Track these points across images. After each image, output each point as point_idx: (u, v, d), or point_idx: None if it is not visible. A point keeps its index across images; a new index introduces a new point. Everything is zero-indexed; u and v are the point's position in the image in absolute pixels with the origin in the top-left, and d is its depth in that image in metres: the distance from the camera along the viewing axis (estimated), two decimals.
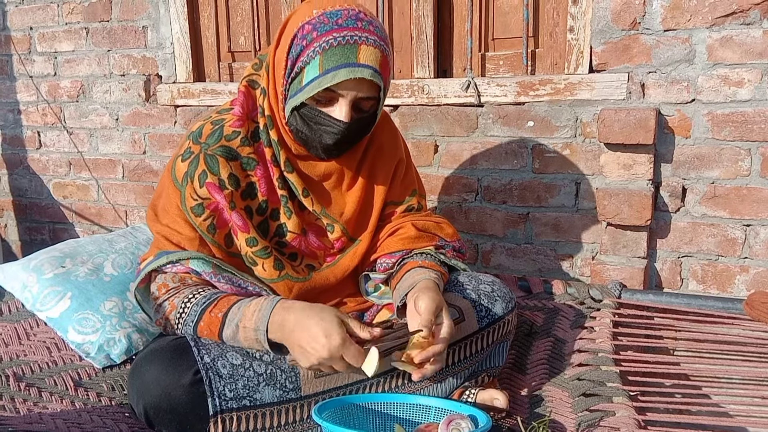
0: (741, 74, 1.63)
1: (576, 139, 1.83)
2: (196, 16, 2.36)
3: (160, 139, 2.46)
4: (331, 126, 1.21)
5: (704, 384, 1.55)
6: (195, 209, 1.25)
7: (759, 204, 1.67)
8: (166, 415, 1.12)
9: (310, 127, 1.23)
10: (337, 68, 1.15)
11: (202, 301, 1.21)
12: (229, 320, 1.17)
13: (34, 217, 2.83)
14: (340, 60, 1.15)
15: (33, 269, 1.65)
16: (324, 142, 1.23)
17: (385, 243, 1.40)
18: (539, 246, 1.94)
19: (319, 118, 1.21)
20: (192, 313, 1.20)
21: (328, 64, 1.15)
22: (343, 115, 1.19)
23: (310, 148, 1.27)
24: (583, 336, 1.55)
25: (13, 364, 1.46)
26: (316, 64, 1.16)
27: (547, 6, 1.88)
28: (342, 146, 1.27)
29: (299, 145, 1.29)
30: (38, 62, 2.66)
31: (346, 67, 1.15)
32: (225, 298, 1.21)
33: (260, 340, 1.15)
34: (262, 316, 1.15)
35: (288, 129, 1.27)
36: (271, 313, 1.15)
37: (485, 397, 1.27)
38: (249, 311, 1.17)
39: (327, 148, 1.25)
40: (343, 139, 1.23)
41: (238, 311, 1.18)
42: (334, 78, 1.15)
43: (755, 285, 1.70)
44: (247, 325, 1.16)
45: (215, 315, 1.18)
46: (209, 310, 1.19)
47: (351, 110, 1.20)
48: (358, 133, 1.27)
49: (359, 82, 1.17)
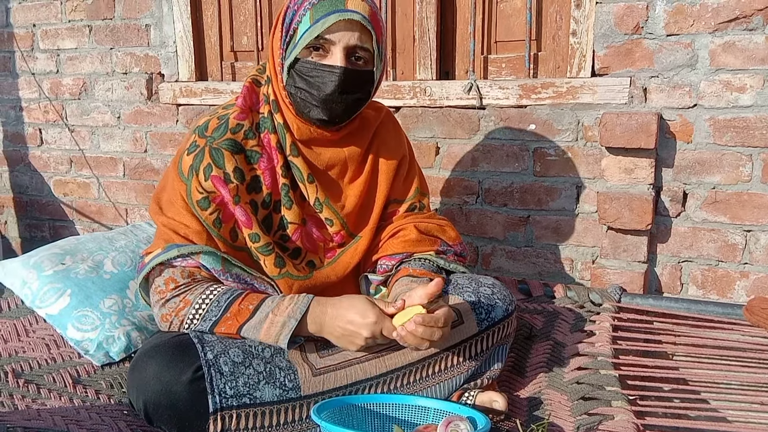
0: (743, 80, 1.64)
1: (577, 143, 1.83)
2: (199, 15, 2.36)
3: (161, 138, 2.46)
4: (327, 74, 1.22)
5: (703, 389, 1.55)
6: (201, 203, 1.25)
7: (760, 210, 1.67)
8: (166, 411, 1.12)
9: (308, 82, 1.24)
10: (327, 15, 1.19)
11: (229, 294, 1.23)
12: (260, 311, 1.20)
13: (35, 215, 2.83)
14: (328, 8, 1.20)
15: (33, 266, 1.65)
16: (323, 92, 1.23)
17: (386, 244, 1.40)
18: (539, 249, 1.94)
19: (315, 69, 1.23)
20: (215, 308, 1.21)
21: (317, 15, 1.20)
22: (338, 60, 1.22)
23: (311, 109, 1.26)
24: (582, 340, 1.55)
25: (12, 361, 1.46)
26: (306, 19, 1.21)
27: (550, 9, 1.88)
28: (341, 97, 1.24)
29: (302, 121, 1.29)
30: (41, 59, 2.66)
31: (335, 12, 1.19)
32: (254, 293, 1.25)
33: (286, 330, 1.18)
34: (298, 308, 1.20)
35: (288, 101, 1.28)
36: (309, 305, 1.20)
37: (484, 399, 1.27)
38: (284, 304, 1.21)
39: (327, 100, 1.24)
40: (341, 88, 1.23)
41: (272, 303, 1.22)
42: (324, 24, 1.19)
43: (755, 291, 1.70)
44: (278, 315, 1.19)
45: (245, 307, 1.21)
46: (239, 302, 1.22)
47: (345, 58, 1.23)
48: (355, 86, 1.25)
49: (350, 27, 1.21)
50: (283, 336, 1.18)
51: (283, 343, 1.18)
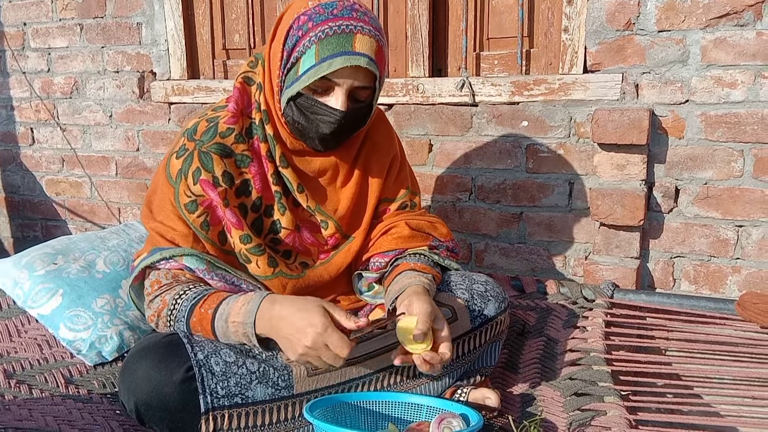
0: (734, 75, 1.64)
1: (570, 139, 1.84)
2: (190, 12, 2.35)
3: (153, 137, 2.45)
4: (327, 115, 1.21)
5: (696, 384, 1.56)
6: (188, 206, 1.25)
7: (751, 205, 1.67)
8: (157, 412, 1.11)
9: (307, 117, 1.23)
10: (333, 56, 1.15)
11: (192, 297, 1.20)
12: (219, 316, 1.17)
13: (27, 214, 2.82)
14: (336, 48, 1.16)
15: (24, 266, 1.64)
16: (321, 131, 1.23)
17: (378, 242, 1.40)
18: (532, 246, 1.94)
19: (316, 107, 1.21)
20: (182, 309, 1.20)
21: (324, 53, 1.16)
22: (340, 104, 1.20)
23: (307, 140, 1.27)
24: (575, 336, 1.55)
25: (4, 361, 1.45)
26: (312, 54, 1.17)
27: (542, 6, 1.88)
28: (338, 136, 1.26)
29: (295, 138, 1.29)
30: (32, 58, 2.65)
31: (342, 55, 1.15)
32: (215, 294, 1.21)
33: (248, 334, 1.15)
34: (249, 310, 1.15)
35: (284, 122, 1.27)
36: (258, 307, 1.15)
37: (477, 396, 1.27)
38: (237, 306, 1.17)
39: (323, 138, 1.25)
40: (339, 129, 1.23)
41: (227, 307, 1.17)
42: (331, 66, 1.15)
43: (747, 286, 1.71)
44: (236, 320, 1.16)
45: (205, 311, 1.18)
46: (199, 305, 1.19)
47: (347, 99, 1.21)
48: (354, 123, 1.27)
49: (355, 71, 1.18)
50: (253, 342, 1.16)
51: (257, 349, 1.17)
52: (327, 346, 1.07)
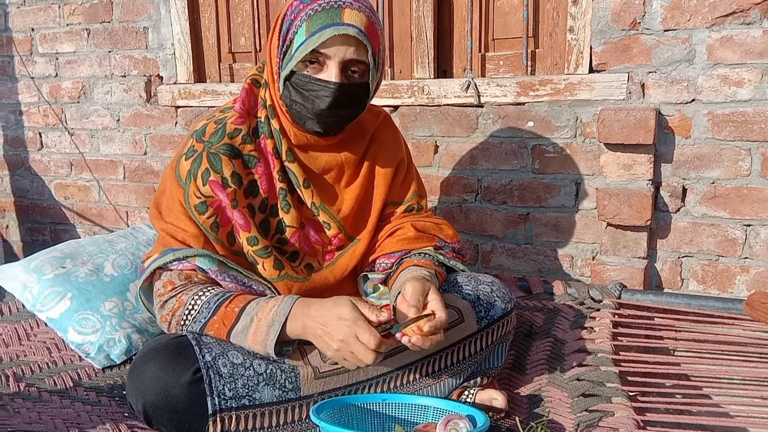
0: (741, 74, 1.63)
1: (576, 140, 1.83)
2: (196, 17, 2.36)
3: (161, 140, 2.47)
4: (322, 89, 1.22)
5: (704, 384, 1.55)
6: (198, 207, 1.26)
7: (759, 204, 1.67)
8: (165, 413, 1.12)
9: (303, 95, 1.23)
10: (322, 29, 1.17)
11: (218, 296, 1.21)
12: (246, 314, 1.18)
13: (36, 218, 2.84)
14: (324, 22, 1.18)
15: (33, 270, 1.66)
16: (317, 107, 1.23)
17: (384, 243, 1.40)
18: (539, 246, 1.93)
19: (310, 84, 1.22)
20: (204, 310, 1.20)
21: (313, 27, 1.18)
22: (333, 75, 1.21)
23: (306, 121, 1.27)
24: (582, 336, 1.54)
25: (13, 365, 1.46)
26: (303, 31, 1.19)
27: (547, 6, 1.88)
28: (336, 113, 1.25)
29: (297, 127, 1.29)
30: (39, 63, 2.67)
31: (331, 26, 1.17)
32: (242, 295, 1.23)
33: (271, 334, 1.15)
34: (281, 310, 1.16)
35: (284, 109, 1.28)
36: (291, 307, 1.16)
37: (484, 398, 1.27)
38: (268, 306, 1.18)
39: (320, 114, 1.24)
40: (335, 103, 1.23)
41: (257, 306, 1.19)
42: (320, 38, 1.17)
43: (755, 285, 1.70)
44: (262, 318, 1.17)
45: (231, 309, 1.19)
46: (225, 304, 1.20)
47: (340, 72, 1.21)
48: (350, 101, 1.26)
49: (346, 42, 1.19)
50: (270, 341, 1.15)
51: (270, 349, 1.16)
52: (357, 338, 1.07)
